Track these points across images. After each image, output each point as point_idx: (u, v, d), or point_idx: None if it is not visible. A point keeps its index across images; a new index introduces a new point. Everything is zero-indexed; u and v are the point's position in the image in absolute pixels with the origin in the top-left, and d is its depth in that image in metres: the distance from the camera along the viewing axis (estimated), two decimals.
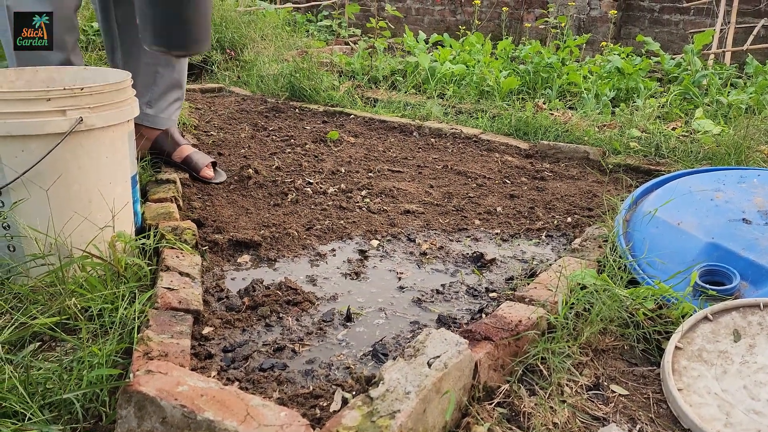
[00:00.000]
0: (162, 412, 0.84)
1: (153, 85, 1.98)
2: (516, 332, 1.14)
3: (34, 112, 1.21)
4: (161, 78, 1.99)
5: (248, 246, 1.62)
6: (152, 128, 2.00)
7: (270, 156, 2.41)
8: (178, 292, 1.24)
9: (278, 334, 1.24)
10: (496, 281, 1.53)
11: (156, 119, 2.00)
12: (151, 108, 1.99)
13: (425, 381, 0.91)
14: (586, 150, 2.55)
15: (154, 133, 2.01)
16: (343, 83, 3.69)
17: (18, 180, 1.22)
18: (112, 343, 1.07)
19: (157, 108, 2.00)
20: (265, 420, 0.83)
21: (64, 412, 0.95)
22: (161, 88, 1.99)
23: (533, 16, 6.07)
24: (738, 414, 1.03)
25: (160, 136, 2.02)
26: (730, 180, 1.66)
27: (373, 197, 2.05)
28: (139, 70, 1.95)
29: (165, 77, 1.99)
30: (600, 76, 3.69)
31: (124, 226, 1.41)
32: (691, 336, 1.20)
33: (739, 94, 3.17)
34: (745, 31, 4.98)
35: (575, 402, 1.06)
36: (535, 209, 2.01)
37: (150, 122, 1.98)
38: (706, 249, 1.41)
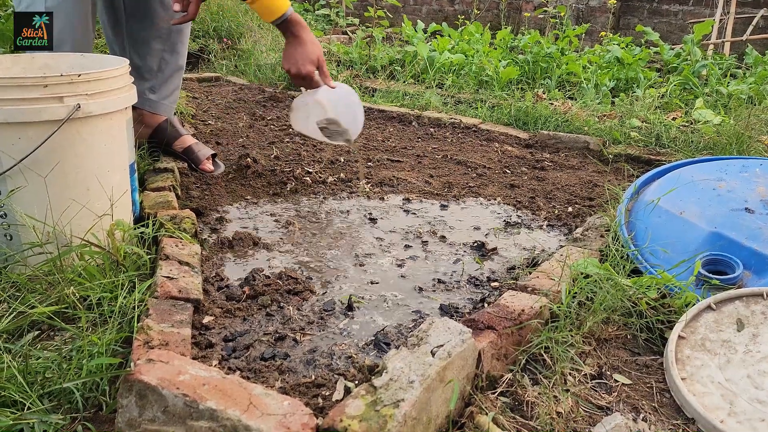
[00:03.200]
0: (164, 401, 0.83)
1: (158, 72, 1.97)
2: (519, 321, 1.13)
3: (31, 98, 1.19)
4: (166, 64, 1.98)
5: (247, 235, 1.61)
6: (154, 114, 1.98)
7: (268, 145, 2.39)
8: (178, 281, 1.23)
9: (279, 324, 1.24)
10: (498, 270, 1.52)
11: (158, 105, 1.98)
12: (154, 94, 1.97)
13: (429, 370, 0.90)
14: (586, 140, 2.54)
15: (155, 120, 1.99)
16: (342, 73, 3.67)
17: (15, 168, 1.20)
18: (112, 332, 1.06)
19: (159, 94, 1.98)
20: (268, 409, 0.82)
21: (63, 402, 0.94)
22: (165, 74, 1.98)
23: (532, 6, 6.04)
24: (741, 403, 1.03)
25: (161, 124, 2.00)
26: (732, 169, 1.66)
27: (372, 187, 2.03)
28: (145, 56, 1.94)
29: (170, 64, 1.98)
30: (599, 66, 3.68)
31: (123, 215, 1.40)
32: (694, 325, 1.20)
33: (739, 84, 3.16)
34: (744, 22, 4.97)
35: (579, 391, 1.06)
36: (536, 199, 2.00)
37: (152, 108, 1.97)
38: (709, 238, 1.41)
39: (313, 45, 1.81)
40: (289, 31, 1.79)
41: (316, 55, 1.81)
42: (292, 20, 1.78)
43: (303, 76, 1.79)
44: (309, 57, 1.79)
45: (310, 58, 1.79)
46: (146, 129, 1.98)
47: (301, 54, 1.79)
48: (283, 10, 1.75)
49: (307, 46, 1.80)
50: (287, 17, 1.76)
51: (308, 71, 1.79)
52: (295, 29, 1.79)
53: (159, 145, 2.01)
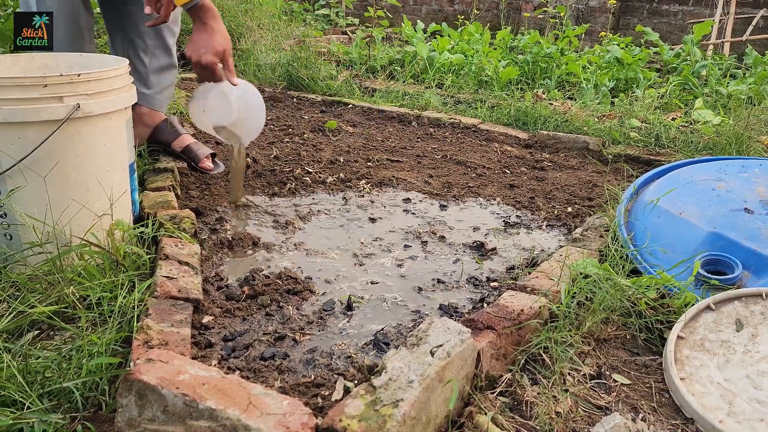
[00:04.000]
0: (163, 400, 0.83)
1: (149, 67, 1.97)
2: (518, 321, 1.13)
3: (31, 98, 1.19)
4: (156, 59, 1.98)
5: (247, 235, 1.61)
6: (154, 112, 1.98)
7: (268, 145, 2.39)
8: (178, 281, 1.23)
9: (279, 323, 1.24)
10: (497, 270, 1.52)
11: (153, 99, 1.98)
12: (149, 89, 1.97)
13: (428, 370, 0.90)
14: (585, 140, 2.54)
15: (154, 119, 1.98)
16: (341, 73, 3.67)
17: (15, 167, 1.20)
18: (112, 331, 1.06)
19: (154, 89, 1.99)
20: (268, 408, 0.82)
21: (63, 401, 0.94)
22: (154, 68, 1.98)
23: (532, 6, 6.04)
24: (741, 403, 1.03)
25: (160, 124, 2.00)
26: (731, 170, 1.66)
27: (372, 187, 2.03)
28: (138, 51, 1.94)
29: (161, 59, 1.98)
30: (599, 66, 3.68)
31: (123, 215, 1.40)
32: (693, 325, 1.20)
33: (739, 85, 3.16)
34: (743, 22, 4.97)
35: (578, 391, 1.06)
36: (535, 199, 2.00)
37: (147, 102, 1.96)
38: (709, 238, 1.41)
39: (220, 35, 1.71)
40: (198, 18, 1.70)
41: (222, 47, 1.71)
42: (203, 6, 1.68)
43: (203, 65, 1.68)
44: (213, 47, 1.69)
45: (215, 48, 1.69)
46: (145, 128, 1.98)
47: (206, 42, 1.69)
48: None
49: (214, 35, 1.70)
50: (198, 2, 1.67)
51: (210, 61, 1.68)
52: (204, 16, 1.69)
53: (159, 145, 2.01)
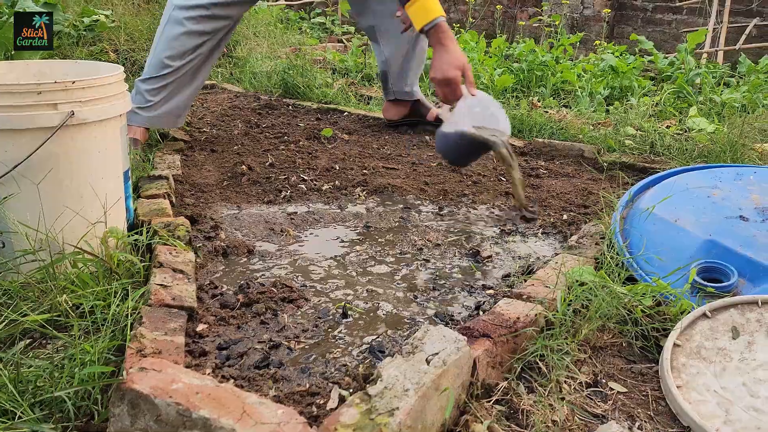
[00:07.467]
0: (156, 410, 0.82)
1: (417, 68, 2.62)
2: (514, 329, 1.13)
3: (25, 105, 1.18)
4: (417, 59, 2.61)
5: (242, 243, 1.60)
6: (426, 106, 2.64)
7: (263, 153, 2.39)
8: (172, 289, 1.22)
9: (273, 332, 1.23)
10: (492, 277, 1.52)
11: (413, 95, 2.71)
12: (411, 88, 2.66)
13: (424, 378, 0.90)
14: (581, 148, 2.54)
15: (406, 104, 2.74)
16: (337, 80, 3.67)
17: (8, 175, 1.20)
18: (105, 340, 1.05)
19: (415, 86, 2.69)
20: (262, 418, 0.81)
21: (55, 411, 0.93)
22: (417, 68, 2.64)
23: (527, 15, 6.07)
24: (737, 411, 1.03)
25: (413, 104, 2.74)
26: (726, 177, 1.66)
27: (368, 194, 2.03)
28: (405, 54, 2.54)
29: (418, 57, 2.60)
30: (594, 74, 3.69)
31: (117, 222, 1.39)
32: (689, 333, 1.20)
33: (733, 93, 3.17)
34: (737, 31, 5.00)
35: (574, 399, 1.06)
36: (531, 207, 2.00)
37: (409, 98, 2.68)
38: (704, 246, 1.41)
39: (458, 52, 1.89)
40: (437, 39, 1.88)
41: (461, 62, 1.88)
42: (440, 26, 1.89)
43: (448, 79, 1.85)
44: (454, 63, 1.87)
45: (455, 64, 1.87)
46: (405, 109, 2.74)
47: (447, 60, 1.87)
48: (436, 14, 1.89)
49: (453, 54, 1.88)
50: (437, 23, 1.89)
51: (453, 75, 1.86)
52: (442, 37, 1.89)
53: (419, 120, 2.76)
